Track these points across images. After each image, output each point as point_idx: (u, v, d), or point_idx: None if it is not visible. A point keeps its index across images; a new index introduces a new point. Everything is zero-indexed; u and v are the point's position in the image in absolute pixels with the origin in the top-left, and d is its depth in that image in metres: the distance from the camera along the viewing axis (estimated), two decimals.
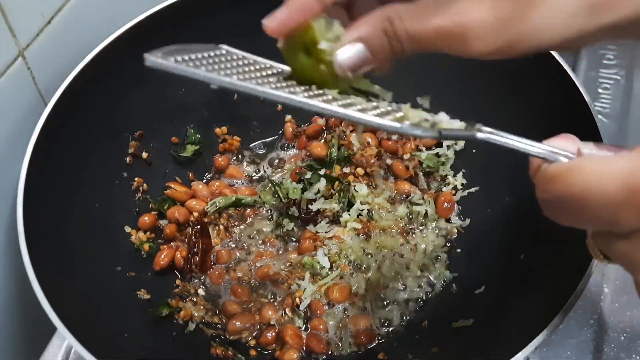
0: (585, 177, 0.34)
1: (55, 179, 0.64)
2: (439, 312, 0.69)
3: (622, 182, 0.33)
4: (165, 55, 0.42)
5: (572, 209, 0.36)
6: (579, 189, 0.34)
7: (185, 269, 0.72)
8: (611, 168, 0.34)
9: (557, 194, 0.36)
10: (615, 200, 0.33)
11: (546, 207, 0.38)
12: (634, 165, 0.33)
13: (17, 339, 0.72)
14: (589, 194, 0.34)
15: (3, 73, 0.63)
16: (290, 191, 0.77)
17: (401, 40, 0.40)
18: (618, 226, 0.34)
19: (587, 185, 0.34)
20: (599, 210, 0.34)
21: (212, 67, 0.43)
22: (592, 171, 0.34)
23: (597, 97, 0.87)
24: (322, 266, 0.71)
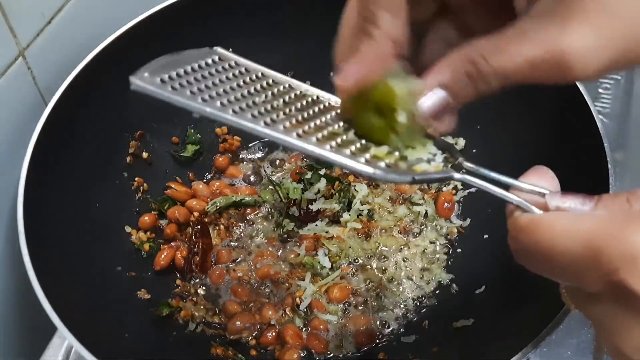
0: (552, 233, 0.34)
1: (55, 179, 0.64)
2: (439, 312, 0.69)
3: (586, 244, 0.32)
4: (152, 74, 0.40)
5: (539, 263, 0.35)
6: (545, 244, 0.34)
7: (185, 269, 0.72)
8: (577, 227, 0.33)
9: (525, 246, 0.36)
10: (579, 262, 0.32)
11: (516, 255, 0.37)
12: (598, 227, 0.32)
13: (17, 339, 0.72)
14: (554, 252, 0.33)
15: (3, 73, 0.63)
16: (290, 191, 0.77)
17: (488, 80, 0.37)
18: (583, 286, 0.33)
19: (553, 243, 0.33)
20: (564, 269, 0.34)
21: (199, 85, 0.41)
22: (559, 228, 0.33)
23: (597, 97, 0.87)
24: (322, 266, 0.71)
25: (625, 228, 0.31)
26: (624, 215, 0.33)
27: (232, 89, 0.42)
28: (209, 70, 0.43)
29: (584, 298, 0.35)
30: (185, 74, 0.42)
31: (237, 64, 0.46)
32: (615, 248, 0.31)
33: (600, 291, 0.32)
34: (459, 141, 0.80)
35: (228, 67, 0.45)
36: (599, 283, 0.32)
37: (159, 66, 0.41)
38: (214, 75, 0.43)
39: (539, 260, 0.35)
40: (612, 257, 0.31)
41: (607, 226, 0.32)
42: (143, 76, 0.41)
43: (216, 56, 0.45)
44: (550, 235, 0.34)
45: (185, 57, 0.43)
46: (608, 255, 0.31)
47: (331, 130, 0.42)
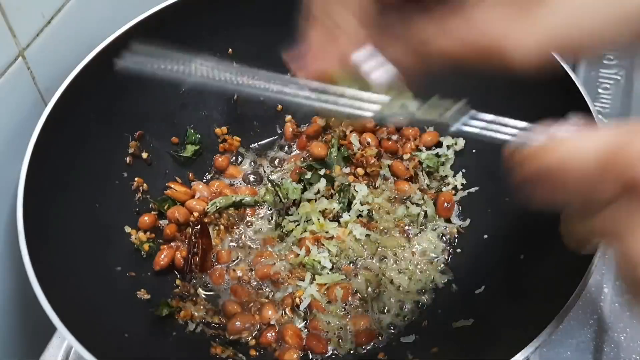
0: (563, 151, 0.35)
1: (55, 179, 0.64)
2: (439, 312, 0.69)
3: (600, 151, 0.33)
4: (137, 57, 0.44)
5: (552, 183, 0.36)
6: (558, 161, 0.35)
7: (185, 269, 0.72)
8: (588, 142, 0.34)
9: (537, 169, 0.36)
10: (593, 169, 0.33)
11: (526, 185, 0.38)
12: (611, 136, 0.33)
13: (17, 339, 0.72)
14: (568, 164, 0.34)
15: (3, 73, 0.63)
16: (290, 191, 0.77)
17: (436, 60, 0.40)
18: (597, 194, 0.34)
19: (565, 159, 0.34)
20: (576, 182, 0.34)
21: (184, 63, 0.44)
22: (569, 146, 0.35)
23: (597, 97, 0.87)
24: (322, 266, 0.71)
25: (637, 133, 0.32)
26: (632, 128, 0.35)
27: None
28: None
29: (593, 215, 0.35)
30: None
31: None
32: (630, 148, 0.32)
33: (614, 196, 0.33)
34: (458, 141, 0.80)
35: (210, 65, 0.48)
36: (613, 187, 0.33)
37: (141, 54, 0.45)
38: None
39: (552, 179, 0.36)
40: (627, 156, 0.32)
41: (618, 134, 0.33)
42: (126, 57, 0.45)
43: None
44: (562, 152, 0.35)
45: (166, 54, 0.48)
46: (623, 155, 0.32)
47: None
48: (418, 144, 0.81)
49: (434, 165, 0.79)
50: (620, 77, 0.89)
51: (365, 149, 0.80)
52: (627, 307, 0.67)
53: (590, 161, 0.33)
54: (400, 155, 0.81)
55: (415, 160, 0.80)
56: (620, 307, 0.69)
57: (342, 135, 0.82)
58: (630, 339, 0.66)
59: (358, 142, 0.81)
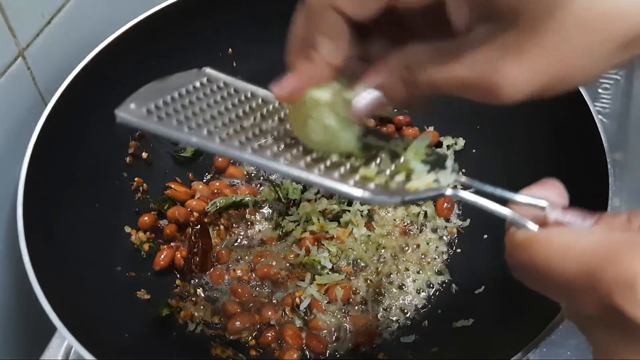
0: (548, 252, 0.34)
1: (55, 179, 0.64)
2: (439, 312, 0.69)
3: (581, 265, 0.32)
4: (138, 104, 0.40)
5: (536, 280, 0.35)
6: (541, 264, 0.34)
7: (185, 269, 0.72)
8: (574, 247, 0.32)
9: (521, 262, 0.36)
10: (574, 283, 0.32)
11: (513, 271, 0.38)
12: (594, 248, 0.32)
13: (17, 339, 0.72)
14: (549, 271, 0.33)
15: (3, 73, 0.63)
16: (290, 191, 0.77)
17: (421, 88, 0.39)
18: (578, 308, 0.33)
19: (548, 262, 0.33)
20: (559, 288, 0.33)
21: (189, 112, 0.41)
22: (555, 247, 0.33)
23: (597, 97, 0.87)
24: (322, 266, 0.71)
25: (621, 251, 0.31)
26: (623, 236, 0.33)
27: (220, 113, 0.42)
28: (196, 95, 0.43)
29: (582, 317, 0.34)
30: (172, 100, 0.42)
31: (225, 85, 0.45)
32: (610, 272, 0.30)
33: (595, 314, 0.32)
34: (458, 141, 0.80)
35: (217, 88, 0.45)
36: (593, 305, 0.31)
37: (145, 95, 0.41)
38: (201, 99, 0.43)
39: (535, 278, 0.35)
40: (607, 280, 0.30)
41: (604, 248, 0.31)
42: (128, 108, 0.41)
43: (205, 77, 0.45)
44: (546, 254, 0.34)
45: (172, 82, 0.43)
46: (603, 278, 0.30)
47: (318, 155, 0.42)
48: None
49: None
50: (620, 77, 0.89)
51: None
52: None
53: (572, 273, 0.32)
54: None
55: None
56: None
57: None
58: None
59: None
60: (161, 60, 0.75)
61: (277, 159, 0.40)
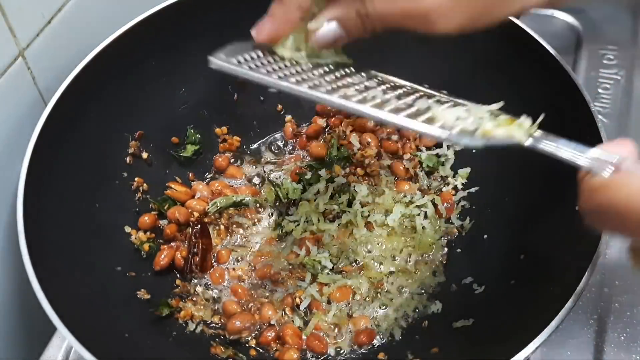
0: (628, 190, 0.36)
1: (55, 179, 0.64)
2: (439, 312, 0.69)
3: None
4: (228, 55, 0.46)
5: (615, 220, 0.37)
6: (622, 201, 0.36)
7: (185, 269, 0.72)
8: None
9: (600, 205, 0.38)
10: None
11: (589, 216, 0.40)
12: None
13: (17, 339, 0.72)
14: (630, 208, 0.36)
15: (3, 73, 0.63)
16: (290, 191, 0.77)
17: (372, 19, 0.46)
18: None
19: (629, 199, 0.36)
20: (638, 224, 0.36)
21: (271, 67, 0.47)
22: (635, 186, 0.36)
23: (597, 97, 0.87)
24: (323, 266, 0.71)
25: None
26: None
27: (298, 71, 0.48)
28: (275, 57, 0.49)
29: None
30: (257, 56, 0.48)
31: None
32: None
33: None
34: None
35: None
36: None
37: (231, 51, 0.47)
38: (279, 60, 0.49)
39: (614, 218, 0.37)
40: None
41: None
42: (220, 56, 0.46)
43: None
44: (627, 192, 0.36)
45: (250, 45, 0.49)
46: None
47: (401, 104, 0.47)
48: (418, 144, 0.81)
49: (434, 165, 0.79)
50: (620, 77, 0.89)
51: (365, 149, 0.80)
52: (627, 307, 0.67)
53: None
54: (400, 155, 0.81)
55: (415, 160, 0.80)
56: (620, 307, 0.69)
57: (342, 135, 0.82)
58: (630, 339, 0.66)
59: (358, 142, 0.81)
60: (161, 60, 0.75)
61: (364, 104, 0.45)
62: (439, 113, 0.46)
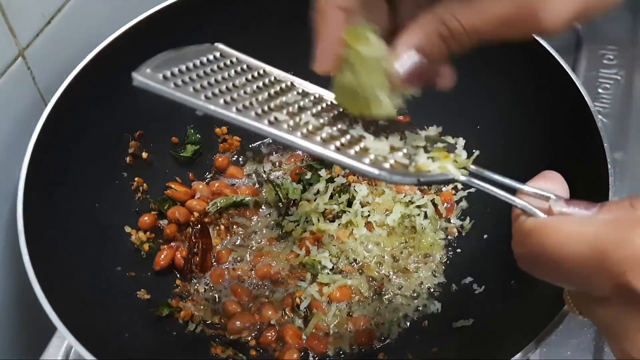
0: (558, 237, 0.34)
1: (55, 179, 0.64)
2: (439, 312, 0.69)
3: (592, 249, 0.32)
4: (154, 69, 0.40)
5: (545, 267, 0.35)
6: (552, 248, 0.34)
7: (185, 269, 0.72)
8: (583, 231, 0.33)
9: (531, 250, 0.36)
10: (586, 265, 0.32)
11: (521, 260, 0.38)
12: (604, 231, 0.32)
13: (17, 339, 0.72)
14: (561, 255, 0.34)
15: (3, 73, 0.63)
16: (290, 191, 0.77)
17: (460, 40, 0.38)
18: (591, 290, 0.34)
19: (560, 247, 0.34)
20: (571, 273, 0.34)
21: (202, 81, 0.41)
22: (565, 232, 0.34)
23: (597, 97, 0.87)
24: (323, 266, 0.71)
25: (630, 231, 0.31)
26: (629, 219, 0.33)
27: (235, 86, 0.42)
28: (211, 67, 0.43)
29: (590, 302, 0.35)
30: (187, 70, 0.41)
31: (238, 61, 0.45)
32: (621, 251, 0.31)
33: (607, 295, 0.32)
34: (459, 141, 0.80)
35: (230, 63, 0.45)
36: (605, 286, 0.32)
37: (160, 62, 0.41)
38: (216, 72, 0.43)
39: (545, 265, 0.35)
40: (619, 260, 0.31)
41: (613, 229, 0.32)
42: (145, 72, 0.40)
43: (217, 52, 0.45)
44: (556, 239, 0.34)
45: (186, 53, 0.43)
46: (615, 258, 0.31)
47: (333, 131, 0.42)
48: None
49: None
50: (620, 77, 0.89)
51: None
52: None
53: (584, 255, 0.32)
54: None
55: None
56: None
57: None
58: None
59: None
60: None
61: (294, 132, 0.40)
62: (371, 143, 0.42)
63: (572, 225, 0.34)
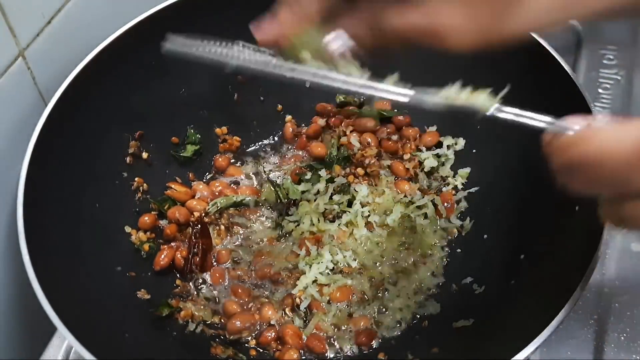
0: (600, 141, 0.36)
1: (56, 179, 0.64)
2: (439, 312, 0.69)
3: (635, 145, 0.34)
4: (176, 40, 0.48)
5: (588, 172, 0.37)
6: (595, 151, 0.36)
7: (185, 269, 0.72)
8: (625, 132, 0.36)
9: (574, 158, 0.38)
10: (628, 162, 0.35)
11: (562, 173, 0.39)
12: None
13: (17, 339, 0.72)
14: (603, 156, 0.36)
15: (3, 73, 0.63)
16: (290, 191, 0.77)
17: (385, 34, 0.45)
18: (630, 187, 0.35)
19: (602, 149, 0.36)
20: (613, 172, 0.36)
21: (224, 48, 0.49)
22: (606, 135, 0.36)
23: (597, 97, 0.87)
24: None
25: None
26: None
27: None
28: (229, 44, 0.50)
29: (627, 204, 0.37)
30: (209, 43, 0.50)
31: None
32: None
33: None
34: (458, 141, 0.80)
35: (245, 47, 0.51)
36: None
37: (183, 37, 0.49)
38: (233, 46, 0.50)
39: (587, 170, 0.37)
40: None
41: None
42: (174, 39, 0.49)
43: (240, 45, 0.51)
44: (600, 142, 0.36)
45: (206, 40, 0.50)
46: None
47: None
48: (418, 144, 0.81)
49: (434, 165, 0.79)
50: (620, 77, 0.89)
51: (365, 149, 0.80)
52: (627, 307, 0.67)
53: (627, 151, 0.35)
54: (400, 155, 0.81)
55: (415, 160, 0.80)
56: (620, 307, 0.69)
57: (342, 135, 0.82)
58: (630, 339, 0.66)
59: (358, 142, 0.81)
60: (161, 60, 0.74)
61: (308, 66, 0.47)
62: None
63: (613, 130, 0.37)
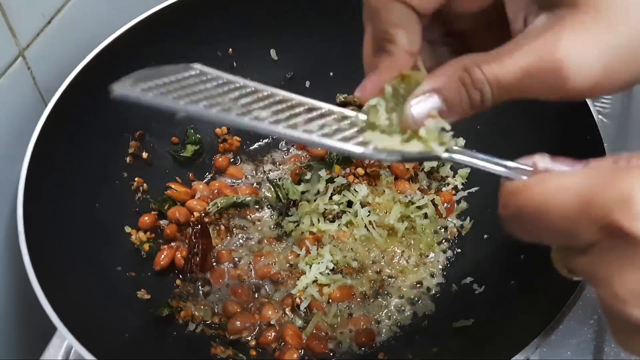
0: (543, 191, 0.34)
1: (55, 179, 0.64)
2: (439, 312, 0.69)
3: (577, 196, 0.32)
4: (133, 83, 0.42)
5: (531, 223, 0.36)
6: (537, 202, 0.34)
7: (185, 269, 0.72)
8: (567, 183, 0.33)
9: (517, 208, 0.36)
10: (571, 214, 0.33)
11: (507, 222, 0.38)
12: (588, 181, 0.33)
13: (17, 339, 0.72)
14: (546, 208, 0.34)
15: (3, 73, 0.63)
16: (290, 191, 0.77)
17: (482, 89, 0.38)
18: (576, 240, 0.34)
19: (545, 200, 0.34)
20: (556, 224, 0.34)
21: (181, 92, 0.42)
22: (549, 186, 0.34)
23: (597, 97, 0.87)
24: None
25: (613, 176, 0.32)
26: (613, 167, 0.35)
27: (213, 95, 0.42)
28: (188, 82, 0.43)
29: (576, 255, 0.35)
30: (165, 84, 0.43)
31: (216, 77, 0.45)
32: (606, 192, 0.31)
33: (594, 240, 0.33)
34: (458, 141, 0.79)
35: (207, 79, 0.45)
36: (591, 231, 0.32)
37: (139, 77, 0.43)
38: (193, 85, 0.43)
39: (530, 222, 0.36)
40: (604, 202, 0.31)
41: (597, 177, 0.33)
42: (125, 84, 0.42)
43: (194, 71, 0.45)
44: (541, 193, 0.34)
45: (163, 71, 0.44)
46: (600, 202, 0.31)
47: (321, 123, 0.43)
48: None
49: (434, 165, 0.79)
50: None
51: None
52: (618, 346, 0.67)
53: (570, 204, 0.33)
54: None
55: None
56: None
57: None
58: None
59: None
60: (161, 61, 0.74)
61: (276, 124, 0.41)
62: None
63: (556, 179, 0.34)
